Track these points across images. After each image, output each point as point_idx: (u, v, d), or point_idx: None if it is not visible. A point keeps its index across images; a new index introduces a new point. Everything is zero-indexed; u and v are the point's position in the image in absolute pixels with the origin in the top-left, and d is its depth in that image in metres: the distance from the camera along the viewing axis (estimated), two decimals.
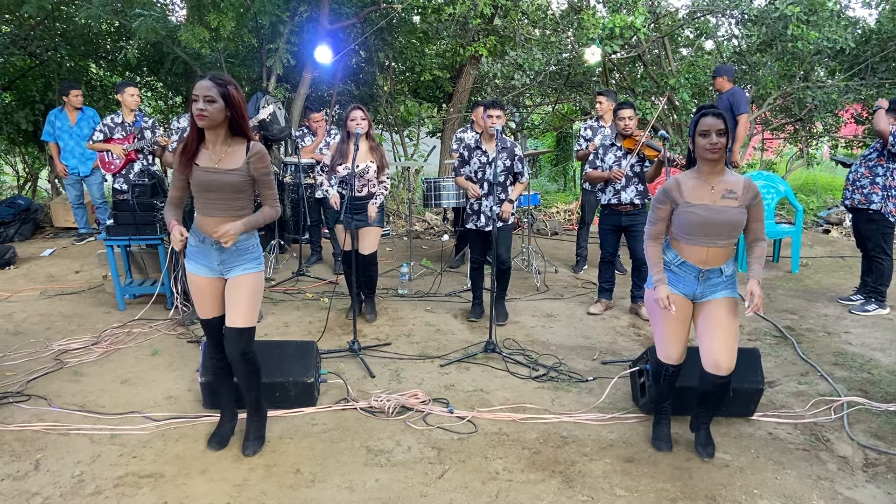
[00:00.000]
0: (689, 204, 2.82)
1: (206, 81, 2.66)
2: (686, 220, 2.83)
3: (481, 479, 2.87)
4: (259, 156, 2.81)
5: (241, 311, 2.88)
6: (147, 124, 6.22)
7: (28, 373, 3.91)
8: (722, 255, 2.86)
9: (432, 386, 3.81)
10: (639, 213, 4.89)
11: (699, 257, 2.86)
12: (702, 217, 2.79)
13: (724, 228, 2.80)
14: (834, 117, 9.48)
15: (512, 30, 9.15)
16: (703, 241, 2.83)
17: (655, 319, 3.04)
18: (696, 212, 2.80)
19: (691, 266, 2.88)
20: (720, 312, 2.87)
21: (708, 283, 2.90)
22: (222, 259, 2.87)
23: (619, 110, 4.85)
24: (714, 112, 2.78)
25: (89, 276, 6.07)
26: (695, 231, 2.82)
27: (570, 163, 12.94)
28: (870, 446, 3.15)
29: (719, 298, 2.89)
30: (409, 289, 5.73)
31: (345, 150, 4.49)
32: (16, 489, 2.76)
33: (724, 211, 2.79)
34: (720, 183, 2.82)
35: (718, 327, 2.86)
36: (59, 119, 7.03)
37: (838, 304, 5.39)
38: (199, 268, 2.91)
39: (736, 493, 2.77)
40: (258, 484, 2.81)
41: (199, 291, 2.94)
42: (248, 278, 2.89)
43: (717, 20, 9.19)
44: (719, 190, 2.81)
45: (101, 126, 6.20)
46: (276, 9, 7.14)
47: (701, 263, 2.87)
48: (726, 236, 2.82)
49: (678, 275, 2.93)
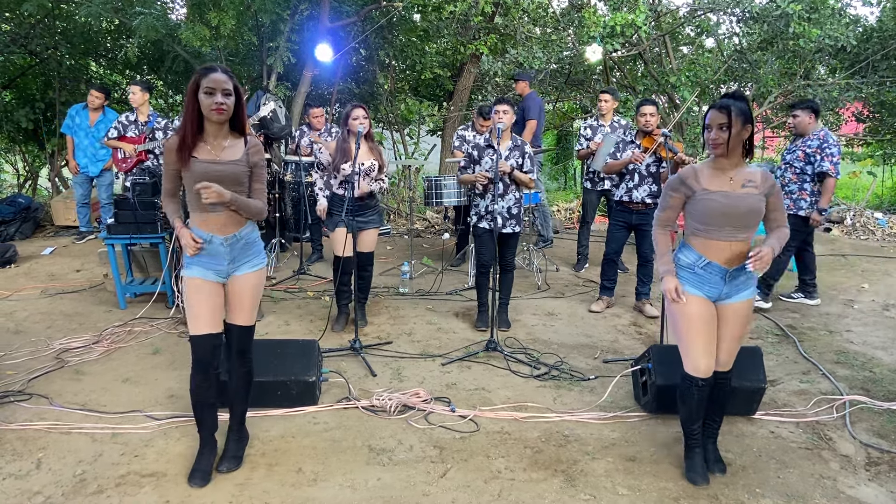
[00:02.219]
0: (708, 191, 2.70)
1: (221, 74, 2.60)
2: (705, 209, 2.69)
3: (483, 478, 2.86)
4: (257, 148, 2.80)
5: (245, 309, 2.85)
6: (160, 125, 6.23)
7: (29, 371, 3.91)
8: (744, 249, 2.72)
9: (434, 385, 3.81)
10: (650, 212, 4.88)
11: (724, 255, 2.71)
12: (721, 204, 2.66)
13: (744, 217, 2.67)
14: (835, 115, 9.47)
15: (513, 28, 9.13)
16: (724, 234, 2.69)
17: (679, 330, 2.81)
18: (715, 199, 2.67)
19: (717, 266, 2.72)
20: (738, 318, 2.79)
21: (734, 283, 2.76)
22: (232, 257, 2.76)
23: (641, 107, 4.86)
24: (720, 105, 2.65)
25: (90, 274, 6.07)
26: (715, 220, 2.69)
27: (571, 161, 12.93)
28: (872, 445, 3.15)
29: (741, 302, 2.78)
30: (410, 287, 5.73)
31: (347, 150, 4.48)
32: (18, 488, 2.76)
33: (744, 198, 2.66)
34: (739, 174, 2.71)
35: (732, 333, 2.80)
36: (79, 115, 7.04)
37: (840, 303, 5.39)
38: (204, 272, 2.74)
39: (738, 492, 2.77)
40: (260, 483, 2.81)
41: (197, 300, 2.72)
42: (253, 277, 2.85)
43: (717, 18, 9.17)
44: (738, 180, 2.70)
45: (116, 123, 6.26)
46: (276, 7, 7.12)
47: (726, 262, 2.72)
48: (747, 226, 2.69)
49: (703, 277, 2.76)
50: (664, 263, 2.82)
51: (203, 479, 2.80)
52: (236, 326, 2.87)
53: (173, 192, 2.83)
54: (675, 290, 2.74)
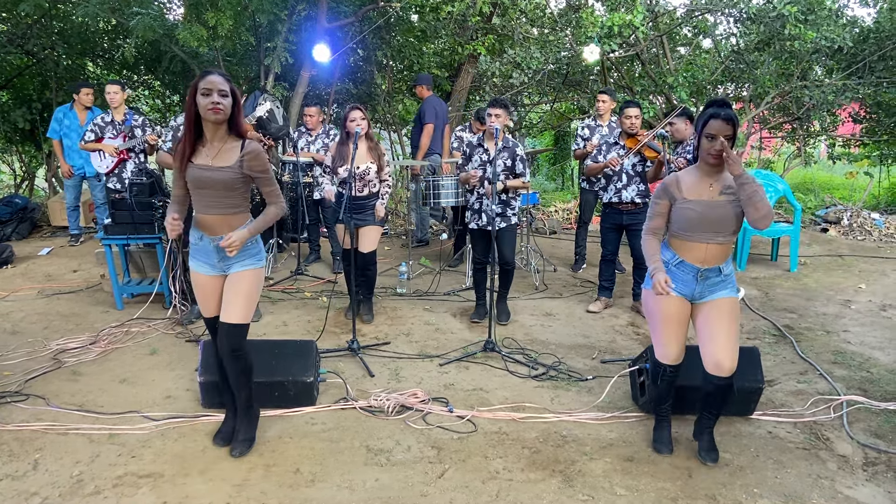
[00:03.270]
0: (686, 200, 2.83)
1: (218, 76, 2.68)
2: (683, 217, 2.84)
3: (481, 479, 2.86)
4: (253, 154, 2.78)
5: (235, 307, 2.88)
6: (137, 122, 6.16)
7: (26, 372, 3.90)
8: (721, 252, 2.85)
9: (432, 385, 3.81)
10: (640, 212, 4.90)
11: (697, 255, 2.85)
12: (697, 213, 2.79)
13: (720, 224, 2.79)
14: (831, 116, 9.49)
15: (510, 28, 9.14)
16: (701, 238, 2.82)
17: (653, 320, 3.02)
18: (692, 208, 2.81)
19: (689, 265, 2.87)
20: (720, 313, 2.86)
21: (707, 283, 2.88)
22: (221, 256, 2.88)
23: (625, 108, 4.86)
24: (726, 116, 2.70)
25: (87, 275, 6.05)
26: (692, 227, 2.82)
27: (568, 162, 12.95)
28: (869, 445, 3.15)
29: (719, 299, 2.88)
30: (407, 288, 5.72)
31: (344, 152, 4.48)
32: (14, 489, 2.75)
33: (719, 206, 2.79)
34: (719, 180, 2.82)
35: (719, 328, 2.85)
36: (67, 117, 6.97)
37: (837, 303, 5.40)
38: (200, 265, 2.93)
39: (736, 493, 2.77)
40: (258, 483, 2.80)
41: (201, 289, 2.97)
42: (247, 274, 2.89)
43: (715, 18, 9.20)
44: (717, 187, 2.82)
45: (92, 126, 6.14)
46: (274, 7, 7.11)
47: (699, 262, 2.86)
48: (724, 232, 2.81)
49: (676, 274, 2.91)
50: (653, 262, 2.90)
51: (224, 440, 3.09)
52: (224, 324, 2.89)
53: (182, 198, 2.90)
54: (663, 282, 2.81)
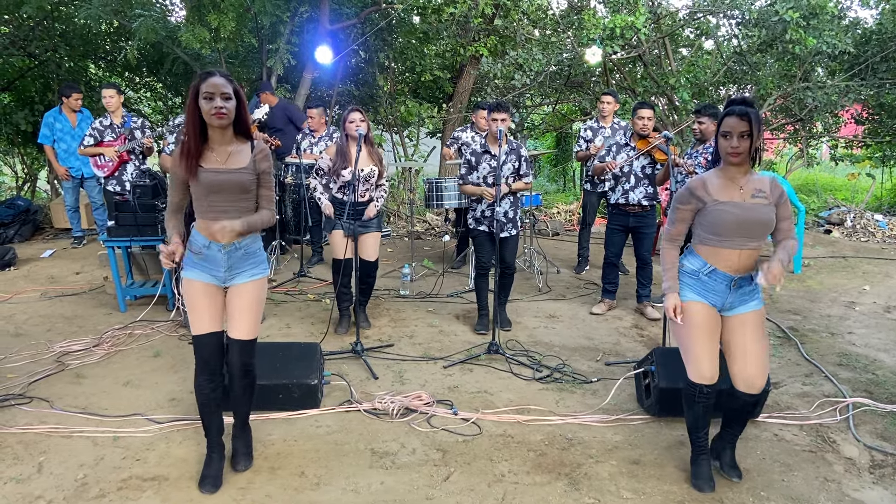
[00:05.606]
0: (719, 202, 2.64)
1: (220, 78, 2.52)
2: (717, 219, 2.64)
3: (487, 482, 2.85)
4: (264, 153, 2.73)
5: (246, 322, 2.75)
6: (136, 124, 6.18)
7: (29, 375, 3.89)
8: (753, 259, 2.68)
9: (436, 387, 3.80)
10: (646, 214, 4.89)
11: (731, 263, 2.66)
12: (734, 215, 2.61)
13: (756, 227, 2.62)
14: (834, 117, 9.48)
15: (512, 30, 9.13)
16: (735, 244, 2.64)
17: (682, 338, 2.78)
18: (727, 209, 2.62)
19: (723, 274, 2.68)
20: (754, 327, 2.71)
21: (739, 293, 2.71)
22: (230, 265, 2.71)
23: (638, 109, 4.83)
24: (739, 111, 2.55)
25: (90, 277, 6.05)
26: (727, 231, 2.64)
27: (570, 163, 12.93)
28: (876, 447, 3.14)
29: (751, 311, 2.73)
30: (410, 290, 5.71)
31: (346, 155, 4.45)
32: (19, 492, 2.74)
33: (755, 209, 2.62)
34: (749, 182, 2.67)
35: (753, 344, 2.70)
36: (58, 121, 6.96)
37: (841, 305, 5.39)
38: (201, 274, 2.71)
39: (743, 496, 2.76)
40: (263, 486, 2.79)
41: (197, 300, 2.70)
42: (254, 286, 2.76)
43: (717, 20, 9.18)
44: (748, 189, 2.65)
45: (91, 130, 6.14)
46: (276, 9, 7.11)
47: (733, 270, 2.67)
48: (758, 236, 2.65)
49: (707, 284, 2.72)
50: (669, 279, 2.78)
51: (214, 484, 2.77)
52: (236, 341, 2.76)
53: (179, 206, 2.72)
54: (673, 309, 2.72)
